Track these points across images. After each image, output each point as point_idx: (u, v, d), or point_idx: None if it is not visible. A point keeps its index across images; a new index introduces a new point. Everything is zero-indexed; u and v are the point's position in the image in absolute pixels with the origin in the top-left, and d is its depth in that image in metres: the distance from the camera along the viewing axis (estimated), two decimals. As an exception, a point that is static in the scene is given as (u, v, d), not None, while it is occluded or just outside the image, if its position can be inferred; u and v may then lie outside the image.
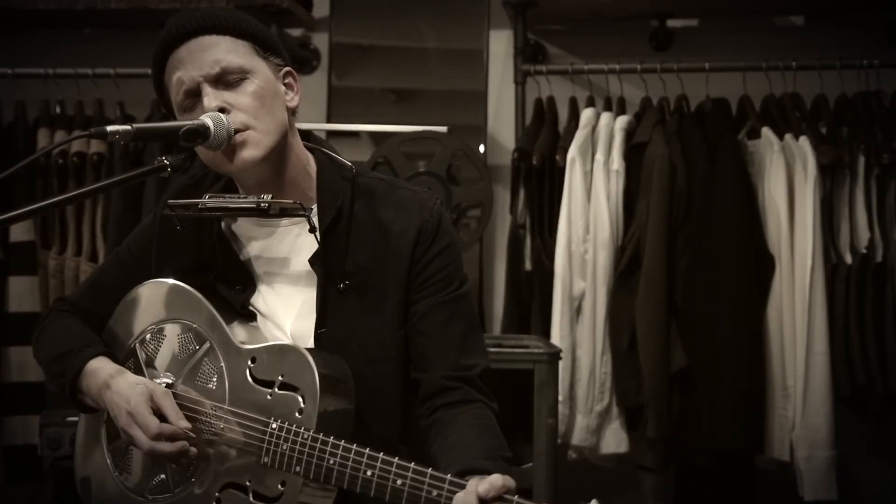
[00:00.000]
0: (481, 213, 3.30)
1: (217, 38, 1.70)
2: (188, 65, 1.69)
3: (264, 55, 1.74)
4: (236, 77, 1.69)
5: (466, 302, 1.79)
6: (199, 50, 1.69)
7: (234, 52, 1.70)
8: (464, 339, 1.76)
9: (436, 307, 1.75)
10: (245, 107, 1.69)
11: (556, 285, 3.22)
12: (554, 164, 3.33)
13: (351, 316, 1.74)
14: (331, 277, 1.74)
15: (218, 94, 1.69)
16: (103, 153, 3.42)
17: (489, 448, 1.65)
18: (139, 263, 1.87)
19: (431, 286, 1.76)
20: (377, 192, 1.80)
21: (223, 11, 1.74)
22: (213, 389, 1.73)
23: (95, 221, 3.42)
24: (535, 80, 3.48)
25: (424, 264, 1.76)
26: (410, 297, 1.76)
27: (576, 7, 3.42)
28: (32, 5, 3.45)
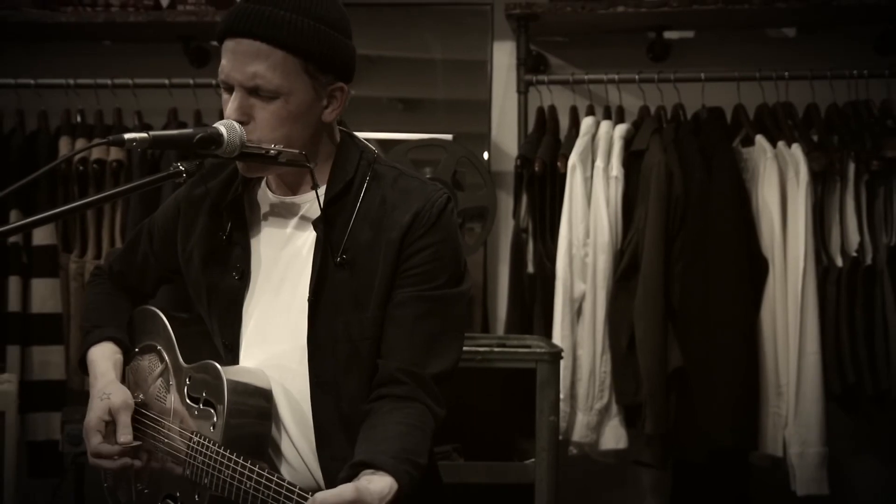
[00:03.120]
0: (485, 217, 3.29)
1: (269, 50, 1.63)
2: (232, 62, 1.64)
3: (314, 73, 1.67)
4: (269, 95, 1.65)
5: (450, 303, 1.71)
6: (245, 54, 1.63)
7: (278, 68, 1.63)
8: (431, 339, 1.68)
9: (413, 299, 1.68)
10: (265, 124, 1.66)
11: (557, 287, 3.21)
12: (555, 171, 3.33)
13: (341, 290, 1.70)
14: (330, 248, 1.71)
15: (245, 102, 1.65)
16: (122, 160, 3.42)
17: (402, 449, 1.59)
18: (166, 234, 1.92)
19: (413, 276, 1.69)
20: (388, 178, 1.76)
21: (293, 20, 1.64)
22: (165, 407, 1.80)
23: (114, 225, 3.42)
24: (537, 90, 3.48)
25: (412, 253, 1.69)
26: (395, 281, 1.70)
27: (576, 19, 3.42)
28: (54, 19, 3.46)
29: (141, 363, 1.89)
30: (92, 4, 3.50)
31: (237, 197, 1.81)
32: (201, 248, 1.84)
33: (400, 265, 1.70)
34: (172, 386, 1.80)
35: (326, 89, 1.71)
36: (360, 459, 1.57)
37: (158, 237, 1.94)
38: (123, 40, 3.74)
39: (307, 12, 1.66)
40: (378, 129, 3.58)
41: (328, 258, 1.71)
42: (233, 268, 1.79)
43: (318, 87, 1.69)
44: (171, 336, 1.85)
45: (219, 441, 1.67)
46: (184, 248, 1.87)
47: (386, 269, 1.69)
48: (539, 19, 3.41)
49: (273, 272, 1.77)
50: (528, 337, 3.13)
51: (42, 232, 3.38)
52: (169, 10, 3.51)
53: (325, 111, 1.72)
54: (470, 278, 1.77)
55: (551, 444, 2.78)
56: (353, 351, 1.70)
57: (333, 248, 1.71)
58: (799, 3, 3.27)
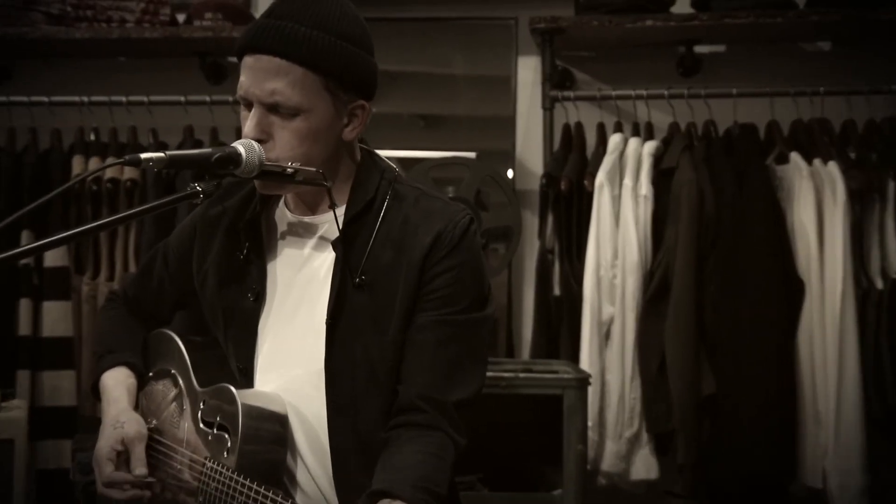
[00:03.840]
0: (510, 238, 3.29)
1: (288, 66, 1.63)
2: (251, 78, 1.65)
3: (334, 90, 1.67)
4: (288, 112, 1.65)
5: (473, 327, 1.70)
6: (264, 71, 1.64)
7: (298, 86, 1.64)
8: (452, 365, 1.68)
9: (434, 323, 1.68)
10: (284, 142, 1.66)
11: (584, 310, 3.20)
12: (582, 190, 3.32)
13: (360, 313, 1.70)
14: (348, 269, 1.71)
15: (264, 119, 1.65)
16: (136, 179, 3.43)
17: (421, 478, 1.58)
18: (182, 256, 1.92)
19: (435, 300, 1.69)
20: (409, 198, 1.76)
21: (313, 37, 1.64)
22: (178, 433, 1.80)
23: (128, 247, 3.43)
24: (563, 106, 3.47)
25: (434, 275, 1.69)
26: (416, 304, 1.70)
27: (603, 34, 3.41)
28: (69, 35, 3.48)
29: (155, 388, 1.89)
30: (107, 20, 3.52)
31: (255, 216, 1.81)
32: (217, 268, 1.84)
33: (421, 288, 1.69)
34: (186, 411, 1.80)
35: (347, 107, 1.71)
36: (378, 488, 1.56)
37: (174, 259, 1.94)
38: (139, 56, 3.76)
39: (328, 28, 1.66)
40: (399, 146, 3.59)
41: (347, 280, 1.71)
42: (248, 289, 1.79)
43: (338, 104, 1.69)
44: (185, 360, 1.85)
45: (232, 467, 1.66)
46: (199, 269, 1.87)
47: (406, 291, 1.69)
48: (565, 33, 3.41)
49: (290, 294, 1.77)
50: (555, 362, 3.12)
51: (54, 253, 3.38)
52: (185, 26, 3.53)
53: (345, 129, 1.73)
54: (494, 301, 1.77)
55: (579, 474, 2.76)
56: (371, 375, 1.69)
57: (352, 269, 1.71)
58: (834, 16, 3.25)
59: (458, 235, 1.70)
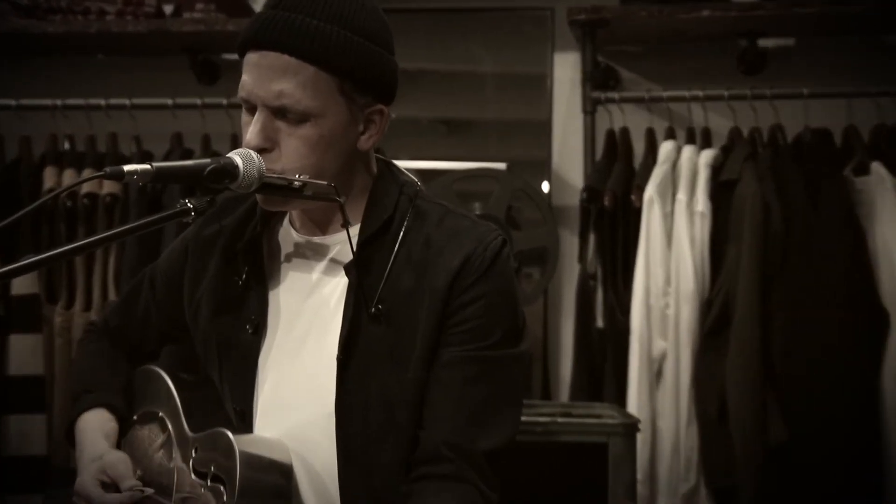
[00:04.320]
0: (546, 261, 3.29)
1: (298, 65, 1.64)
2: (255, 77, 1.65)
3: (350, 93, 1.68)
4: (297, 117, 1.65)
5: (505, 365, 1.71)
6: (271, 70, 1.64)
7: (309, 87, 1.64)
8: (482, 407, 1.69)
9: (461, 360, 1.69)
10: (292, 151, 1.66)
11: (632, 345, 3.20)
12: (629, 205, 3.32)
13: (376, 347, 1.70)
14: (363, 297, 1.71)
15: (269, 125, 1.66)
16: (117, 194, 3.45)
17: None
18: (171, 282, 1.93)
19: (462, 333, 1.69)
20: (433, 216, 1.76)
21: (327, 31, 1.64)
22: (166, 483, 1.79)
23: (107, 272, 3.45)
24: (607, 109, 3.48)
25: (461, 304, 1.70)
26: (440, 337, 1.70)
27: (653, 26, 3.42)
28: (40, 29, 3.51)
29: (140, 433, 1.89)
30: (84, 12, 3.56)
31: (255, 237, 1.82)
32: (212, 296, 1.85)
33: (446, 319, 1.70)
34: (176, 459, 1.80)
35: (364, 112, 1.71)
36: None
37: (162, 286, 1.95)
38: (120, 53, 3.79)
39: (344, 22, 1.67)
40: (418, 156, 3.61)
41: (361, 308, 1.71)
42: (247, 320, 1.80)
43: (354, 109, 1.70)
44: (175, 401, 1.85)
45: None
46: (191, 297, 1.88)
47: (430, 322, 1.69)
48: (608, 26, 3.42)
49: (295, 325, 1.78)
50: (598, 405, 3.11)
51: (22, 280, 3.40)
52: (173, 19, 3.56)
53: (361, 137, 1.73)
54: (529, 335, 1.77)
55: (627, 534, 2.75)
56: (388, 418, 1.70)
57: (368, 296, 1.71)
58: (923, 4, 3.25)
59: (488, 259, 1.71)
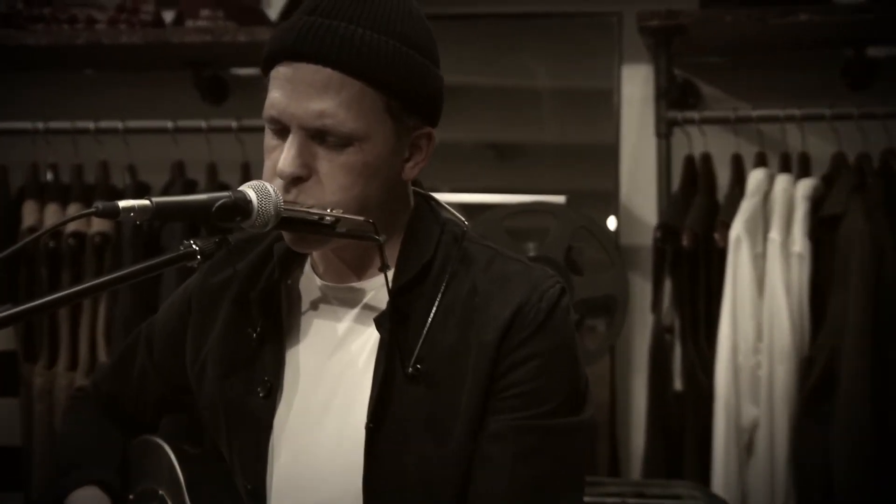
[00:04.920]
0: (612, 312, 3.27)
1: (342, 80, 1.64)
2: (289, 93, 1.65)
3: (398, 114, 1.69)
4: (339, 142, 1.65)
5: (564, 436, 1.70)
6: (310, 86, 1.64)
7: (353, 107, 1.64)
8: (538, 487, 1.68)
9: (512, 431, 1.68)
10: (331, 182, 1.67)
11: (717, 412, 3.19)
12: (712, 245, 3.32)
13: (413, 413, 1.70)
14: (398, 354, 1.71)
15: (305, 150, 1.66)
16: (108, 233, 3.47)
17: None
18: (172, 339, 1.94)
19: (514, 399, 1.68)
20: (479, 260, 1.76)
21: (376, 42, 1.66)
22: None
23: (96, 326, 3.47)
24: (685, 131, 3.48)
25: (512, 364, 1.68)
26: (489, 403, 1.69)
27: (739, 33, 3.43)
28: (19, 40, 3.54)
29: None
30: (70, 21, 3.58)
31: (272, 283, 1.82)
32: (219, 353, 1.85)
33: (495, 381, 1.69)
34: None
35: (411, 135, 1.72)
36: None
37: (161, 345, 1.96)
38: (112, 68, 3.84)
39: (392, 31, 1.67)
40: (462, 186, 3.62)
41: (395, 368, 1.71)
42: (259, 381, 1.80)
43: (401, 132, 1.70)
44: (178, 477, 1.86)
45: None
46: (195, 356, 1.89)
47: (477, 384, 1.69)
48: (686, 33, 3.42)
49: (318, 387, 1.78)
50: (677, 483, 3.10)
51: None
52: (174, 28, 3.58)
53: (405, 165, 1.74)
54: (593, 400, 1.76)
55: None
56: (426, 499, 1.70)
57: (404, 354, 1.71)
58: None
59: (544, 310, 1.70)
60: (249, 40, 3.33)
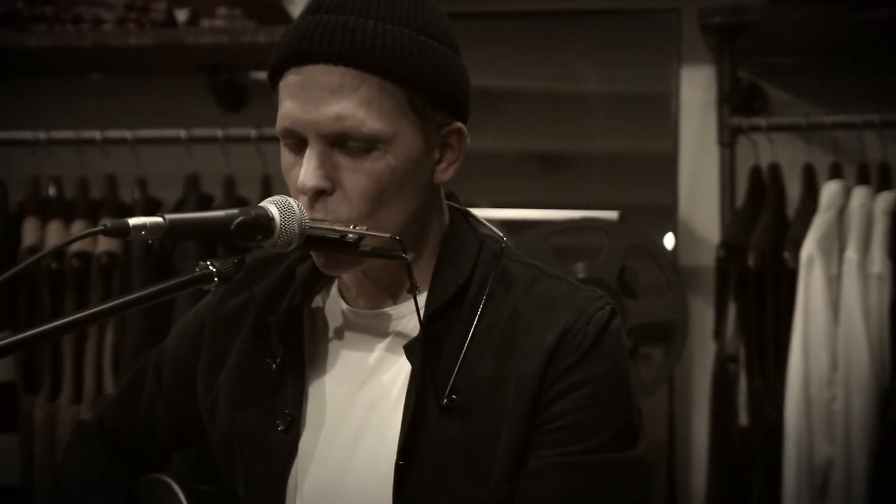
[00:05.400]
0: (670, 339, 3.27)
1: (358, 77, 1.64)
2: (302, 100, 1.65)
3: (422, 109, 1.68)
4: (361, 146, 1.66)
5: (615, 474, 1.70)
6: (322, 88, 1.64)
7: (374, 104, 1.64)
8: None
9: (556, 468, 1.67)
10: (357, 193, 1.66)
11: (787, 450, 3.18)
12: (781, 266, 3.31)
13: (447, 449, 1.70)
14: (431, 385, 1.70)
15: (326, 160, 1.66)
16: (115, 253, 3.48)
17: None
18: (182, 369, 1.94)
19: (559, 432, 1.68)
20: (521, 281, 1.76)
21: (390, 33, 1.65)
22: None
23: (103, 354, 3.48)
24: (751, 139, 3.48)
25: (557, 394, 1.68)
26: (532, 437, 1.69)
27: (811, 32, 3.42)
28: (19, 42, 3.55)
29: None
30: (75, 21, 3.59)
31: (294, 308, 1.83)
32: (235, 384, 1.86)
33: (539, 413, 1.69)
34: None
35: (439, 133, 1.72)
36: None
37: (170, 374, 1.97)
38: (120, 73, 3.88)
39: (405, 21, 1.68)
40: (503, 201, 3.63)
41: (429, 400, 1.71)
42: (278, 414, 1.80)
43: (428, 129, 1.70)
44: None
45: None
46: (208, 387, 1.90)
47: (518, 417, 1.69)
48: (753, 31, 3.41)
49: (345, 422, 1.78)
50: (742, 529, 3.10)
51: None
52: (188, 28, 3.59)
53: (436, 168, 1.74)
54: (647, 434, 1.76)
55: None
56: None
57: (437, 385, 1.71)
58: None
59: (592, 334, 1.70)
60: (270, 41, 3.28)
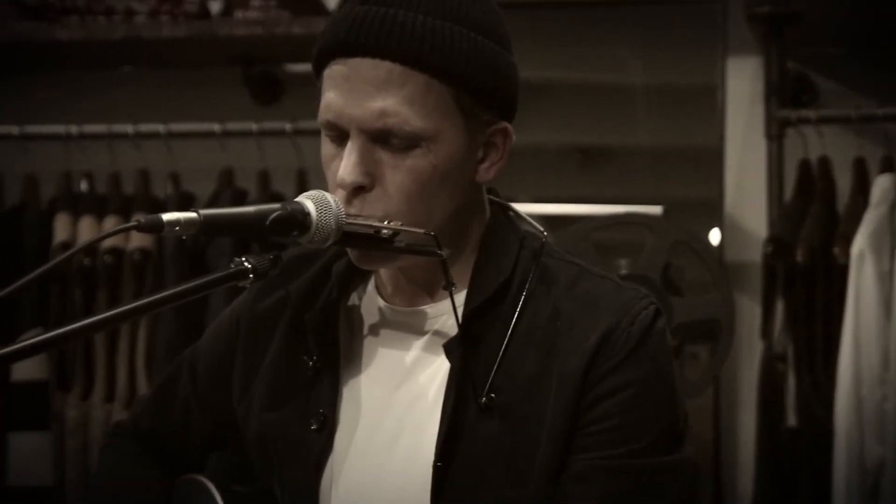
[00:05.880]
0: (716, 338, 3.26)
1: (405, 73, 1.65)
2: (346, 93, 1.66)
3: (469, 108, 1.69)
4: (404, 143, 1.66)
5: (660, 479, 1.70)
6: (367, 82, 1.65)
7: (419, 102, 1.65)
8: None
9: (599, 471, 1.67)
10: (396, 190, 1.67)
11: (837, 451, 3.18)
12: (831, 262, 3.30)
13: (487, 450, 1.70)
14: (470, 385, 1.71)
15: (368, 156, 1.66)
16: (148, 249, 3.50)
17: None
18: (216, 369, 1.95)
19: (601, 435, 1.68)
20: (562, 279, 1.76)
21: (439, 28, 1.66)
22: None
23: (136, 352, 3.50)
24: (799, 132, 3.47)
25: (599, 395, 1.68)
26: (573, 440, 1.69)
27: (863, 20, 3.43)
28: (51, 35, 3.57)
29: None
30: (107, 13, 3.61)
31: (330, 305, 1.83)
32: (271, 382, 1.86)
33: (581, 415, 1.69)
34: None
35: (485, 132, 1.73)
36: None
37: (205, 375, 1.97)
38: (153, 65, 3.90)
39: (455, 16, 1.68)
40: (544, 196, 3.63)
41: (468, 400, 1.71)
42: (312, 413, 1.81)
43: (472, 128, 1.71)
44: None
45: None
46: (244, 389, 1.90)
47: (559, 418, 1.69)
48: (801, 20, 3.41)
49: (381, 422, 1.79)
50: (792, 532, 3.08)
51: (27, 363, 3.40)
52: (221, 19, 3.61)
53: (480, 167, 1.74)
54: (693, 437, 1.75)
55: None
56: None
57: (476, 384, 1.71)
58: None
59: (636, 335, 1.70)
60: (305, 32, 3.34)
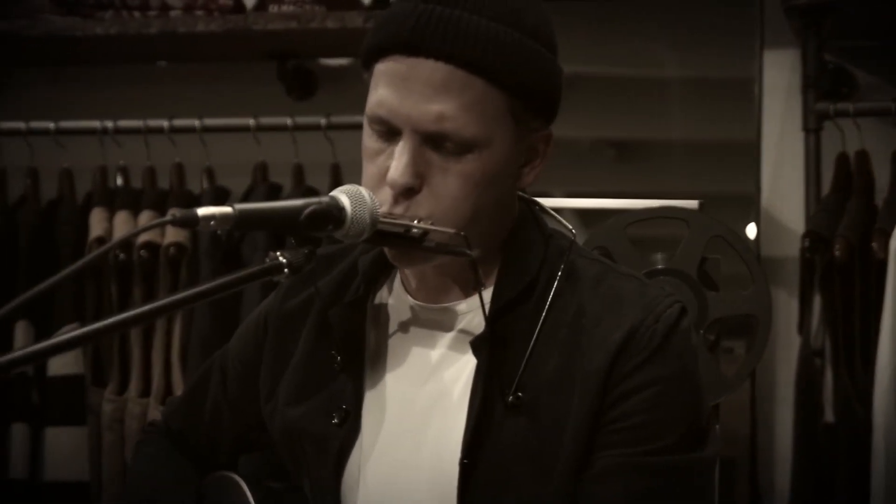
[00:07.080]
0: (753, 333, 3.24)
1: (464, 79, 1.66)
2: (402, 92, 1.67)
3: (520, 115, 1.71)
4: (457, 148, 1.67)
5: (684, 476, 1.71)
6: (427, 84, 1.66)
7: (476, 110, 1.66)
8: None
9: (621, 469, 1.69)
10: (446, 193, 1.68)
11: (875, 447, 3.16)
12: (869, 257, 3.29)
13: (513, 447, 1.71)
14: (497, 382, 1.72)
15: (419, 157, 1.67)
16: (183, 244, 3.50)
17: None
18: (246, 370, 1.96)
19: (625, 432, 1.70)
20: (587, 276, 1.78)
21: (501, 34, 1.66)
22: None
23: (171, 347, 3.51)
24: (837, 126, 3.45)
25: (622, 394, 1.70)
26: (597, 437, 1.70)
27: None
28: (86, 30, 3.57)
29: None
30: (142, 8, 3.62)
31: (357, 301, 1.84)
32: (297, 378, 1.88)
33: (604, 413, 1.70)
34: None
35: (530, 138, 1.74)
36: None
37: (235, 377, 1.99)
38: (188, 60, 3.90)
39: (516, 22, 1.69)
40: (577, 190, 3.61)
41: (495, 398, 1.72)
42: (334, 407, 1.82)
43: (521, 134, 1.72)
44: None
45: None
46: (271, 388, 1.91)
47: (583, 416, 1.70)
48: (840, 12, 3.40)
49: (407, 419, 1.80)
50: (831, 528, 3.07)
51: (63, 357, 3.46)
52: (256, 14, 3.60)
53: (521, 171, 1.76)
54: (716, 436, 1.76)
55: None
56: None
57: (503, 382, 1.72)
58: None
59: (660, 333, 1.71)
60: (340, 27, 3.36)
